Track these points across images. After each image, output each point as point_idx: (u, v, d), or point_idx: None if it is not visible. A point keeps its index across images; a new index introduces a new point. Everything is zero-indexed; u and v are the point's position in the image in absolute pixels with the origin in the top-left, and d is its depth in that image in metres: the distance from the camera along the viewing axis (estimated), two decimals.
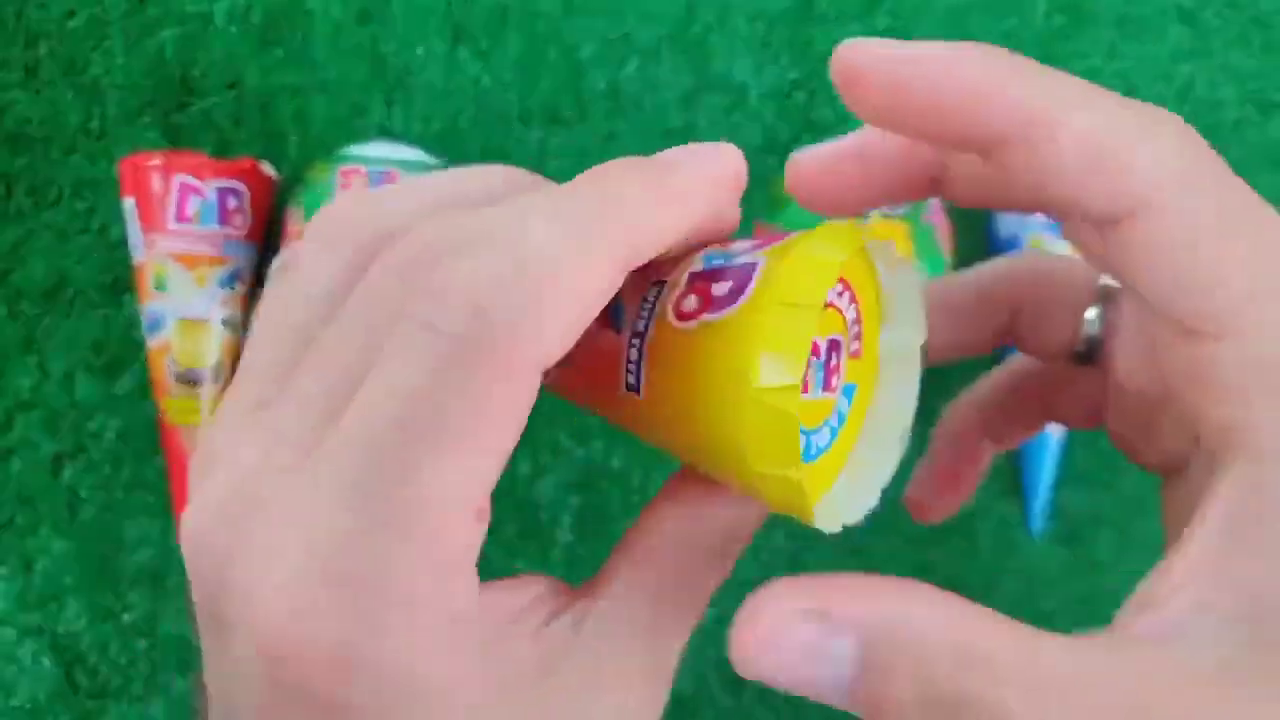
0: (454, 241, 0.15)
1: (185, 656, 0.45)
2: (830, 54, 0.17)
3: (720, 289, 0.17)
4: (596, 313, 0.15)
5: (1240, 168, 0.15)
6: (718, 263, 0.17)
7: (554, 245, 0.14)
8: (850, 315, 0.19)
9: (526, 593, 0.18)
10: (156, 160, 0.42)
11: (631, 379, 0.18)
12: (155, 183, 0.42)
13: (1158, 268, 0.15)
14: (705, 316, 0.17)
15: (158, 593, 0.45)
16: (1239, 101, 0.48)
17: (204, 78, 0.47)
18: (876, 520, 0.49)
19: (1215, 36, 0.49)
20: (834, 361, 0.18)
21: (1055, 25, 0.49)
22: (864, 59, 0.16)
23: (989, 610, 0.15)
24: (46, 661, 0.45)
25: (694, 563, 0.18)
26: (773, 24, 0.48)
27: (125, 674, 0.45)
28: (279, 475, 0.15)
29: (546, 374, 0.16)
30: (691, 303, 0.17)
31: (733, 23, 0.48)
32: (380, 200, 0.17)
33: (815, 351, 0.17)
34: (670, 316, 0.17)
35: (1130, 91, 0.49)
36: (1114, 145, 0.14)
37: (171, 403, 0.43)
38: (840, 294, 0.18)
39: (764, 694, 0.46)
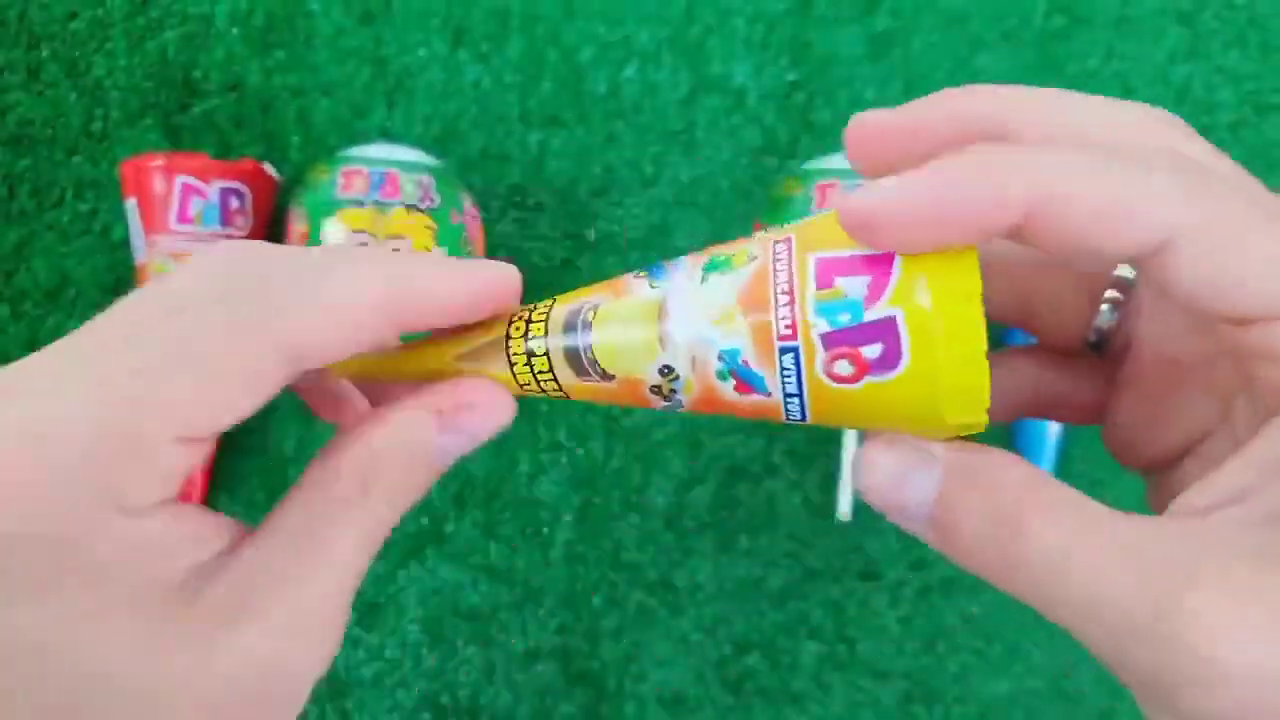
0: None
1: None
2: (830, 55, 0.17)
3: (871, 353, 0.18)
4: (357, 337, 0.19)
5: None
6: (845, 321, 0.18)
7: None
8: None
9: (185, 527, 0.19)
10: (159, 161, 0.42)
11: (795, 418, 0.20)
12: (157, 184, 0.42)
13: (1190, 283, 0.17)
14: (870, 379, 0.18)
15: None
16: (1236, 103, 0.49)
17: (206, 79, 0.48)
18: (876, 519, 0.50)
19: (1213, 38, 0.49)
20: None
21: (1054, 26, 0.49)
22: (872, 207, 0.18)
23: (1050, 475, 0.18)
24: None
25: (328, 509, 0.19)
26: (772, 26, 0.48)
27: None
28: None
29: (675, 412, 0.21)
30: (845, 368, 0.18)
31: (732, 25, 0.48)
32: None
33: None
34: (826, 381, 0.19)
35: (1128, 93, 0.49)
36: (1119, 202, 0.17)
37: None
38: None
39: (764, 691, 0.46)
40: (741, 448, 0.47)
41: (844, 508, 0.46)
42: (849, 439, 0.45)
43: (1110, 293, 0.22)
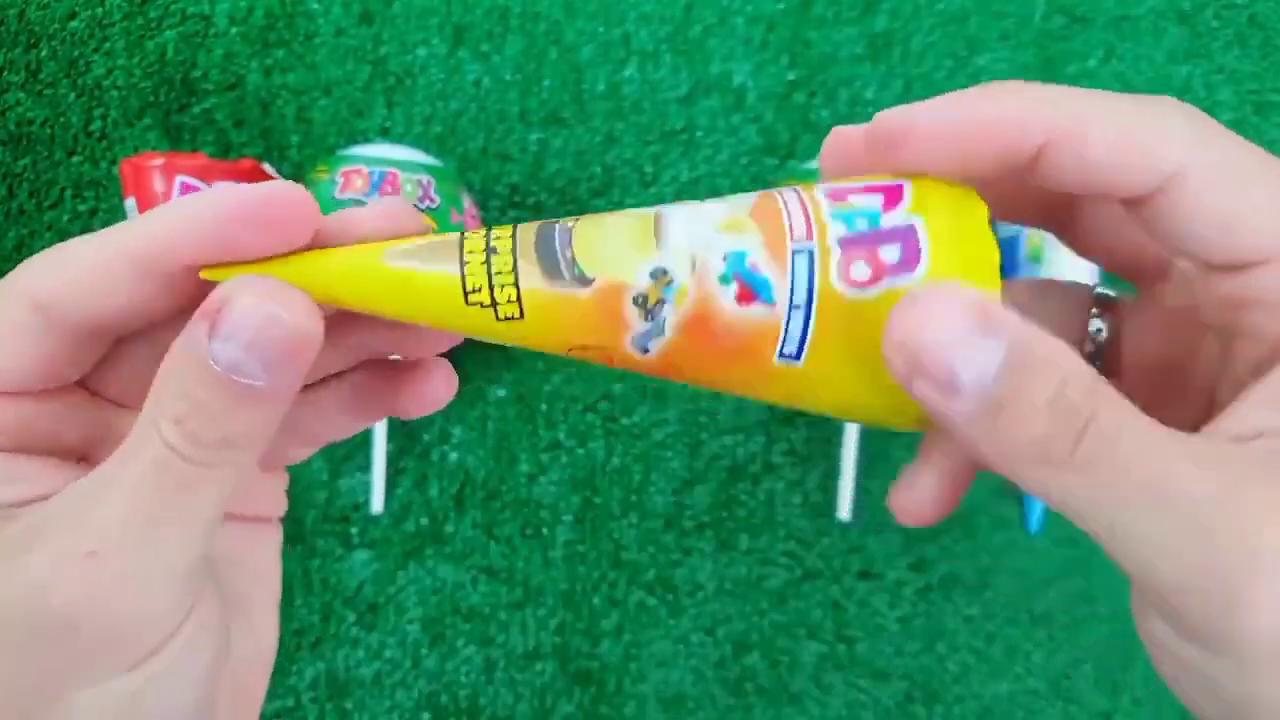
0: None
1: None
2: (829, 54, 0.18)
3: (890, 254, 0.18)
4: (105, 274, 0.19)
5: None
6: (863, 226, 0.18)
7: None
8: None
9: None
10: (158, 161, 0.42)
11: (791, 348, 0.18)
12: (157, 183, 0.42)
13: (1195, 222, 0.17)
14: (887, 283, 0.17)
15: None
16: (1236, 103, 0.49)
17: (205, 79, 0.48)
18: (876, 519, 0.50)
19: (1213, 38, 0.49)
20: None
21: (1053, 26, 0.49)
22: (906, 118, 0.19)
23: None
24: None
25: (124, 443, 0.18)
26: (771, 25, 0.48)
27: None
28: None
29: (645, 352, 0.18)
30: (862, 271, 0.18)
31: (731, 24, 0.48)
32: None
33: None
34: (841, 285, 0.18)
35: (1128, 92, 0.49)
36: (1133, 135, 0.17)
37: None
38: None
39: (763, 691, 0.46)
40: (741, 448, 0.47)
41: (844, 508, 0.46)
42: (849, 439, 0.45)
43: (1095, 321, 0.22)
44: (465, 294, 0.18)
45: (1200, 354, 0.20)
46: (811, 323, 0.18)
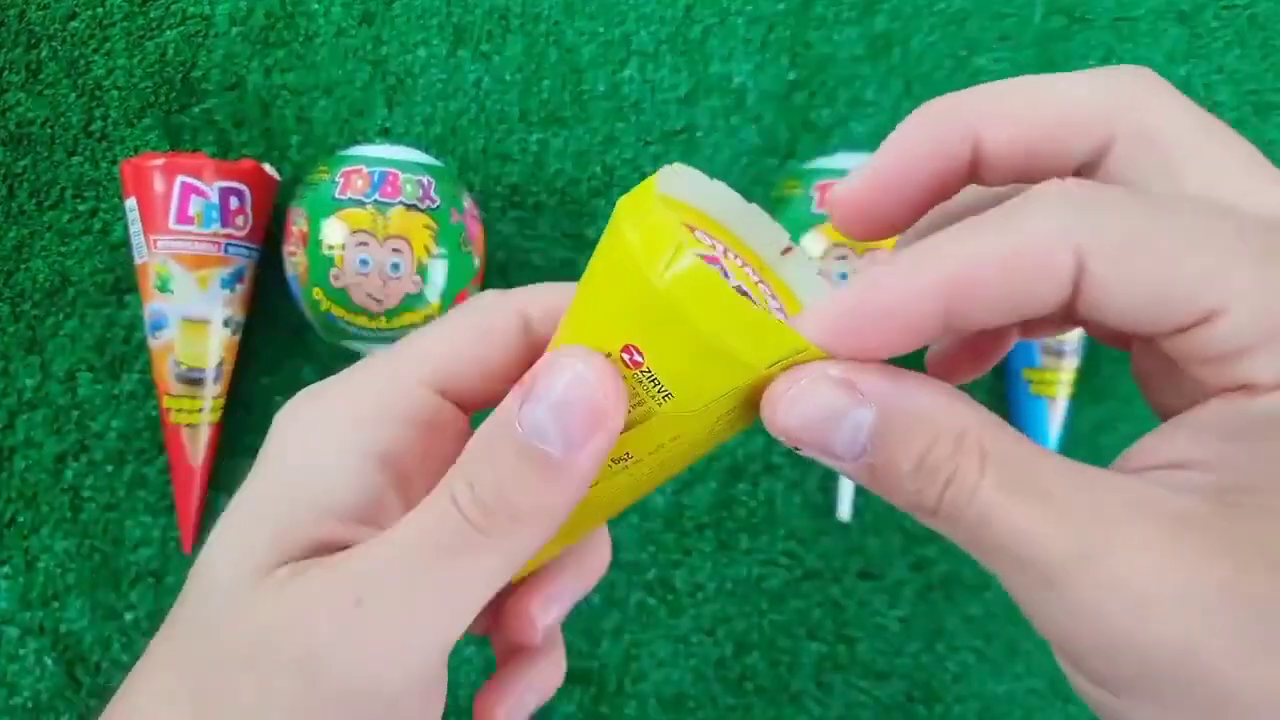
0: None
1: None
2: (829, 55, 0.18)
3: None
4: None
5: None
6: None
7: None
8: (755, 278, 0.20)
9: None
10: (159, 161, 0.42)
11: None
12: (157, 183, 0.42)
13: (1114, 307, 0.16)
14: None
15: (160, 591, 0.46)
16: (1236, 103, 0.49)
17: (205, 79, 0.48)
18: (876, 519, 0.50)
19: (1212, 38, 0.49)
20: (750, 289, 0.19)
21: (1053, 26, 0.49)
22: (852, 191, 0.19)
23: (997, 418, 0.17)
24: (49, 660, 0.45)
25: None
26: (772, 26, 0.48)
27: (127, 672, 0.45)
28: None
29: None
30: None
31: (732, 25, 0.48)
32: None
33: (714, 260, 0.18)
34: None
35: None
36: (1061, 107, 0.17)
37: (174, 402, 0.44)
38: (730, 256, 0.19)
39: (763, 691, 0.46)
40: (741, 448, 0.47)
41: (844, 508, 0.46)
42: None
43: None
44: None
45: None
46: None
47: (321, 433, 0.20)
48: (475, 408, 0.21)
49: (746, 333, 0.17)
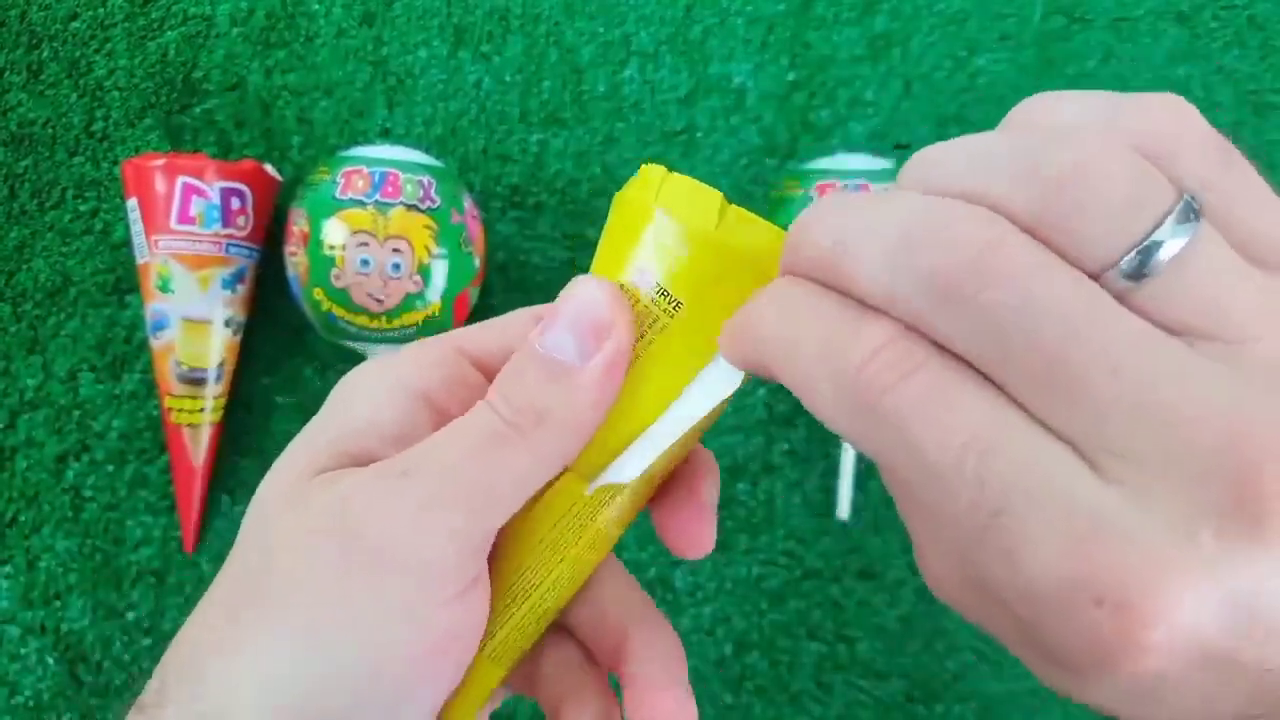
0: None
1: None
2: (829, 55, 0.17)
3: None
4: None
5: None
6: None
7: None
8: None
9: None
10: (160, 161, 0.42)
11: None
12: (159, 184, 0.42)
13: None
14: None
15: (161, 590, 0.46)
16: (1236, 103, 0.49)
17: (206, 79, 0.48)
18: (876, 519, 0.50)
19: (1212, 39, 0.49)
20: None
21: (1052, 27, 0.49)
22: None
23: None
24: (50, 659, 0.45)
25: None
26: (772, 26, 0.48)
27: (128, 671, 0.45)
28: None
29: None
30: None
31: (731, 25, 0.48)
32: None
33: None
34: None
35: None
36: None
37: (175, 402, 0.44)
38: None
39: (763, 691, 0.47)
40: (741, 448, 0.47)
41: (844, 508, 0.46)
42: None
43: None
44: None
45: None
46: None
47: (367, 378, 0.22)
48: None
49: (733, 225, 0.20)
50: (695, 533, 0.25)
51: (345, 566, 0.19)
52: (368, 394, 0.22)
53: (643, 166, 0.21)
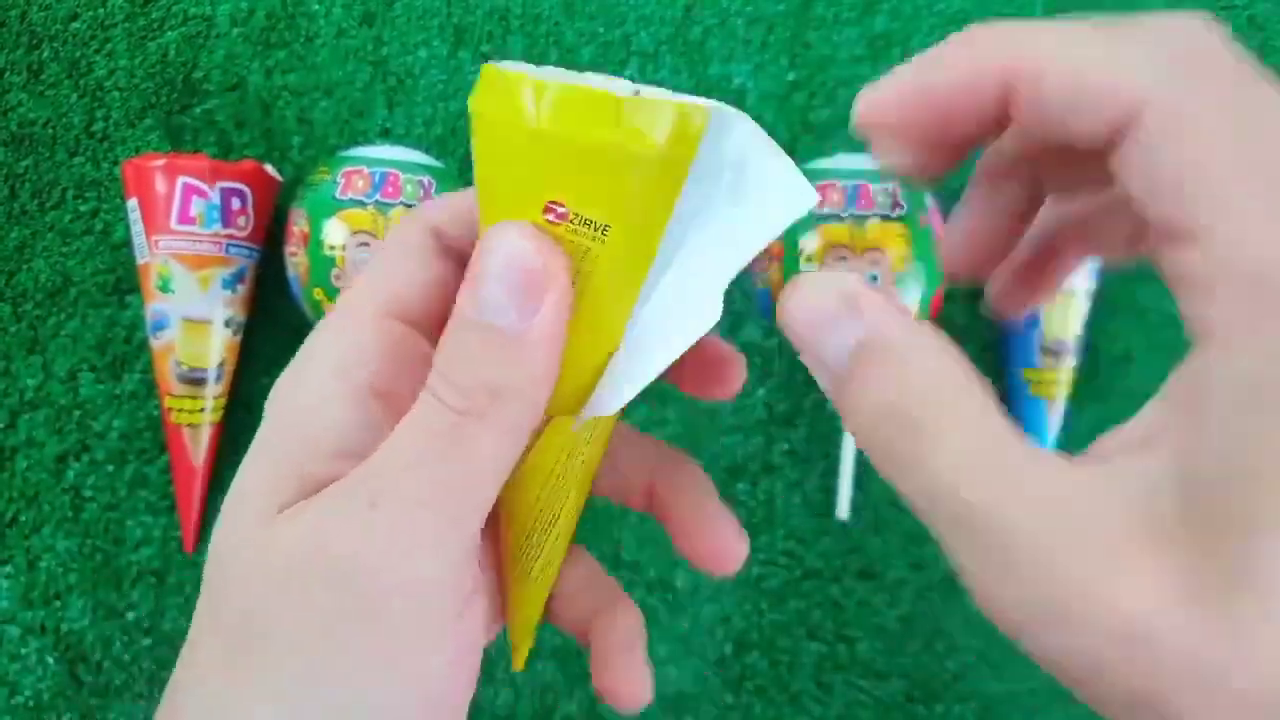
0: None
1: None
2: (829, 55, 0.18)
3: None
4: None
5: None
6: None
7: None
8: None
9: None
10: (160, 162, 0.42)
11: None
12: (159, 184, 0.42)
13: (1136, 178, 0.16)
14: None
15: (161, 591, 0.46)
16: None
17: (206, 79, 0.48)
18: (876, 519, 0.50)
19: None
20: None
21: None
22: (879, 107, 0.19)
23: (984, 397, 0.17)
24: (50, 659, 0.45)
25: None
26: (772, 26, 0.48)
27: (128, 671, 0.45)
28: None
29: None
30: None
31: (731, 25, 0.48)
32: None
33: None
34: None
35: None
36: (1089, 76, 0.16)
37: (175, 402, 0.44)
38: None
39: (763, 691, 0.47)
40: (741, 448, 0.47)
41: (844, 508, 0.46)
42: (849, 439, 0.45)
43: None
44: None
45: None
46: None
47: (307, 382, 0.20)
48: (438, 327, 0.21)
49: (633, 121, 0.17)
50: (723, 547, 0.25)
51: (343, 609, 0.18)
52: (312, 401, 0.20)
53: (488, 69, 0.19)
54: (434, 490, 0.18)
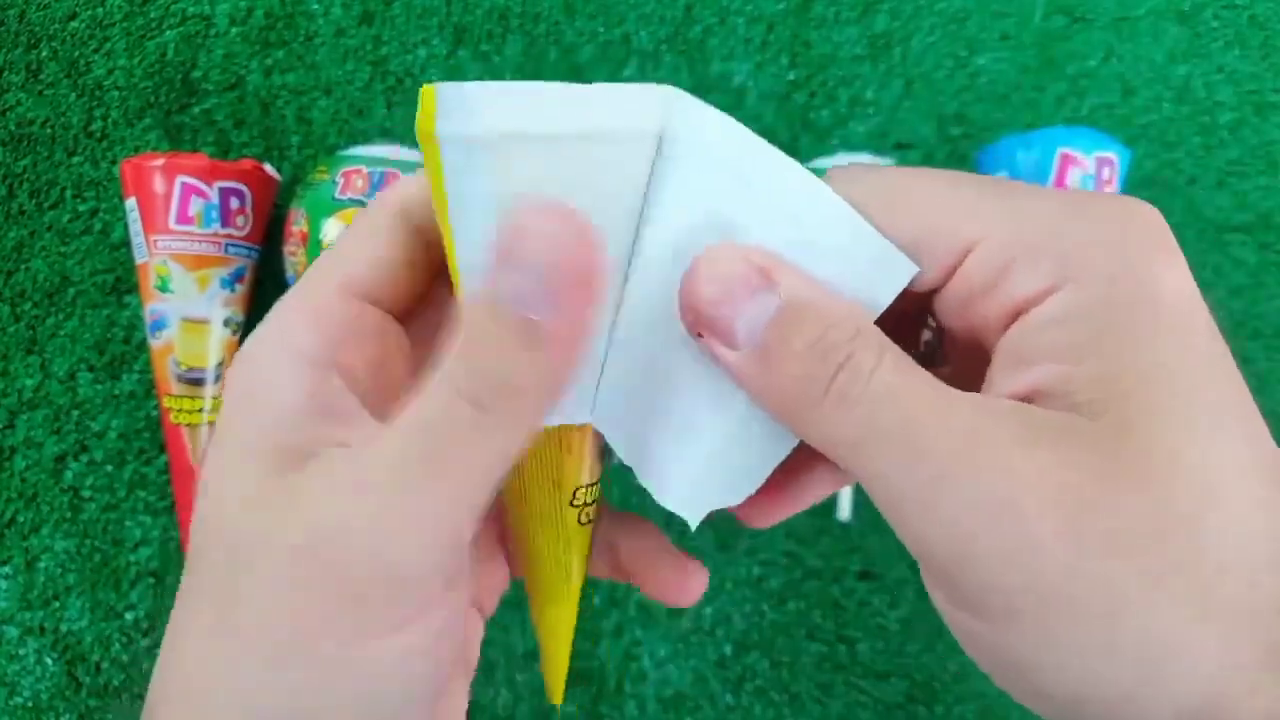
0: None
1: None
2: (829, 55, 0.18)
3: None
4: None
5: (1237, 169, 0.16)
6: None
7: None
8: None
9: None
10: (159, 161, 0.42)
11: None
12: (157, 184, 0.42)
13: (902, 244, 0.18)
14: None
15: (159, 591, 0.46)
16: (1236, 103, 0.49)
17: (205, 79, 0.48)
18: (876, 519, 0.50)
19: (1212, 38, 0.49)
20: None
21: (1054, 26, 0.49)
22: None
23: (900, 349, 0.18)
24: (49, 660, 0.45)
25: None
26: (772, 26, 0.48)
27: (127, 672, 0.45)
28: None
29: None
30: None
31: (732, 24, 0.48)
32: None
33: None
34: None
35: (1128, 93, 0.49)
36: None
37: (174, 402, 0.44)
38: None
39: (763, 691, 0.46)
40: None
41: (844, 508, 0.46)
42: None
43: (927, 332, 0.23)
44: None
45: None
46: None
47: (262, 361, 0.20)
48: (403, 310, 0.21)
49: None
50: (679, 586, 0.26)
51: (323, 587, 0.17)
52: (271, 373, 0.19)
53: (424, 90, 0.18)
54: (437, 481, 0.17)
